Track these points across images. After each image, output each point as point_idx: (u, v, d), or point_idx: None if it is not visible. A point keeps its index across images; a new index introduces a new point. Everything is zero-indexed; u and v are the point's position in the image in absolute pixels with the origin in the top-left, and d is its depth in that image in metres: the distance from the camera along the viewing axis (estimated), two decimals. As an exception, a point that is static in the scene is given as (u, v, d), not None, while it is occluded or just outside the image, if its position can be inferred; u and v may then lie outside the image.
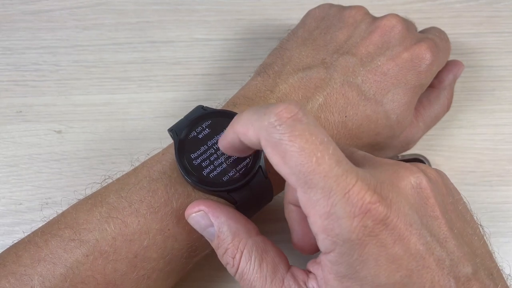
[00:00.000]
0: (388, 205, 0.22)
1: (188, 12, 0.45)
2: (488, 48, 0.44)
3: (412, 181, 0.24)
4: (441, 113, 0.38)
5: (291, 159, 0.22)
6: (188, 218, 0.27)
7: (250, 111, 0.24)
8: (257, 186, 0.29)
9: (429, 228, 0.23)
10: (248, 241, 0.26)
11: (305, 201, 0.22)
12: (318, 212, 0.22)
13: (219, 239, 0.27)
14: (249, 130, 0.24)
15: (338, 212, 0.21)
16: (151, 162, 0.30)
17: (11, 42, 0.44)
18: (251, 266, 0.26)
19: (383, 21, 0.34)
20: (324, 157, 0.22)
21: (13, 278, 0.26)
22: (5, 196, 0.38)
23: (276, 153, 0.22)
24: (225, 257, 0.27)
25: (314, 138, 0.22)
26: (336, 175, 0.21)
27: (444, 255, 0.23)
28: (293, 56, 0.35)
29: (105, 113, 0.41)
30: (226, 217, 0.27)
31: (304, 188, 0.22)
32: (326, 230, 0.22)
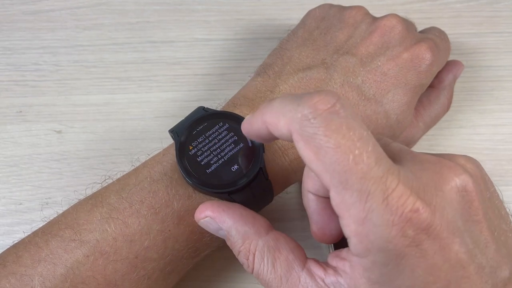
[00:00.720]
0: (432, 212, 0.20)
1: (188, 12, 0.45)
2: (488, 48, 0.44)
3: (458, 184, 0.22)
4: (441, 113, 0.38)
5: (326, 155, 0.20)
6: (198, 223, 0.27)
7: (282, 100, 0.22)
8: (258, 188, 0.29)
9: (471, 234, 0.22)
10: (258, 242, 0.25)
11: (338, 202, 0.21)
12: (352, 216, 0.20)
13: (231, 242, 0.26)
14: (280, 121, 0.22)
15: (375, 219, 0.20)
16: (151, 162, 0.30)
17: (11, 42, 0.44)
18: (265, 267, 0.25)
19: (383, 21, 0.34)
20: (362, 155, 0.20)
21: (13, 279, 0.26)
22: (5, 196, 0.38)
23: (309, 149, 0.20)
24: (240, 258, 0.26)
25: (352, 133, 0.20)
26: (375, 177, 0.20)
27: (484, 262, 0.22)
28: (293, 57, 0.35)
29: (105, 113, 0.41)
30: (232, 221, 0.26)
31: (339, 188, 0.20)
32: (360, 236, 0.20)
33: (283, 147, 0.31)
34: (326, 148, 0.20)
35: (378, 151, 0.21)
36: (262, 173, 0.29)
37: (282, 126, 0.22)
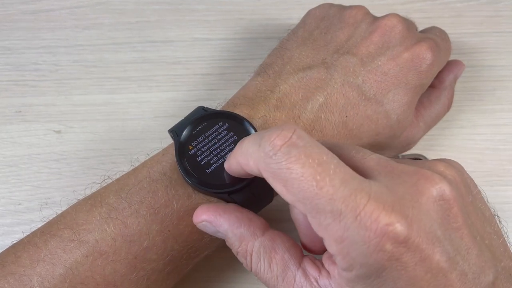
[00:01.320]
0: (408, 225, 0.20)
1: (188, 12, 0.45)
2: (489, 48, 0.43)
3: (435, 194, 0.22)
4: (441, 113, 0.38)
5: (293, 186, 0.21)
6: (197, 226, 0.27)
7: (248, 141, 0.24)
8: (258, 187, 0.29)
9: (452, 242, 0.22)
10: (254, 243, 0.26)
11: (316, 225, 0.21)
12: (331, 236, 0.21)
13: (229, 243, 0.27)
14: (249, 161, 0.23)
15: (352, 236, 0.20)
16: (151, 162, 0.30)
17: (11, 41, 0.44)
18: (262, 267, 0.26)
19: (383, 21, 0.34)
20: (325, 179, 0.20)
21: (12, 279, 0.26)
22: (4, 196, 0.38)
23: (277, 183, 0.21)
24: (239, 258, 0.27)
25: (311, 160, 0.21)
26: (343, 196, 0.20)
27: (467, 268, 0.22)
28: (293, 56, 0.34)
29: (105, 113, 0.41)
30: (228, 224, 0.26)
31: (312, 213, 0.21)
32: (342, 253, 0.21)
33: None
34: (291, 180, 0.21)
35: (342, 171, 0.21)
36: (262, 173, 0.29)
37: (252, 166, 0.23)
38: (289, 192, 0.21)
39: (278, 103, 0.32)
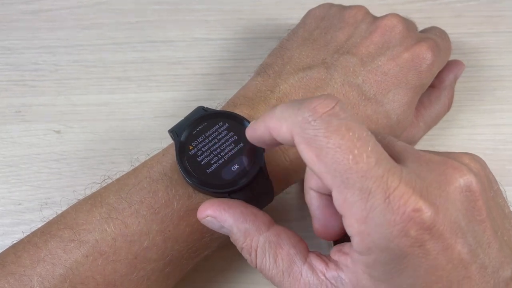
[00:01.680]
0: (435, 212, 0.20)
1: (188, 12, 0.45)
2: (489, 48, 0.43)
3: (462, 184, 0.22)
4: (441, 113, 0.38)
5: (327, 156, 0.20)
6: (201, 222, 0.27)
7: (284, 105, 0.23)
8: (258, 187, 0.29)
9: (475, 234, 0.22)
10: (259, 238, 0.26)
11: (340, 201, 0.21)
12: (354, 215, 0.20)
13: (233, 239, 0.26)
14: (282, 125, 0.23)
15: (377, 218, 0.20)
16: (151, 162, 0.30)
17: (11, 41, 0.44)
18: (267, 263, 0.25)
19: (383, 21, 0.34)
20: (362, 155, 0.20)
21: (12, 279, 0.26)
22: (4, 196, 0.38)
23: (310, 151, 0.21)
24: (243, 254, 0.26)
25: (351, 134, 0.20)
26: (376, 176, 0.20)
27: (487, 261, 0.22)
28: (293, 56, 0.34)
29: (105, 113, 0.41)
30: (233, 219, 0.26)
31: (340, 188, 0.20)
32: (362, 234, 0.21)
33: (283, 147, 0.31)
34: (326, 149, 0.20)
35: (378, 151, 0.21)
36: (262, 172, 0.29)
37: (284, 130, 0.23)
38: (321, 162, 0.21)
39: (278, 103, 0.32)
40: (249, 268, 0.36)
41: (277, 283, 0.25)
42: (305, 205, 0.29)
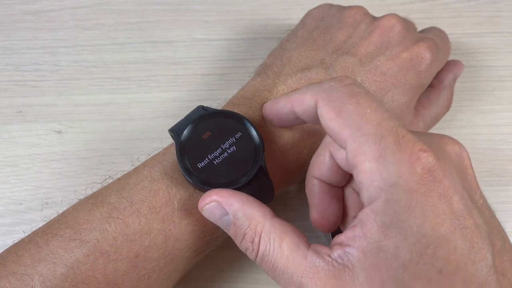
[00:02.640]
0: (436, 158, 0.22)
1: (188, 12, 0.45)
2: (488, 48, 0.44)
3: (457, 149, 0.25)
4: (441, 113, 0.38)
5: (347, 112, 0.24)
6: (202, 211, 0.27)
7: (307, 85, 0.27)
8: (259, 186, 0.29)
9: (469, 195, 0.23)
10: (265, 223, 0.25)
11: (354, 149, 0.23)
12: (367, 157, 0.23)
13: (236, 226, 0.26)
14: (306, 95, 0.26)
15: (388, 156, 0.22)
16: (152, 162, 0.30)
17: (11, 42, 0.44)
18: (271, 248, 0.25)
19: (382, 21, 0.34)
20: (378, 111, 0.24)
21: (13, 278, 0.26)
22: (5, 196, 0.38)
23: (332, 110, 0.24)
24: (244, 243, 0.26)
25: (370, 97, 0.24)
26: (388, 126, 0.23)
27: (482, 221, 0.23)
28: (292, 57, 0.35)
29: (105, 113, 0.41)
30: (239, 204, 0.26)
31: (356, 135, 0.23)
32: (373, 174, 0.23)
33: (283, 147, 0.31)
34: (348, 106, 0.24)
35: (390, 114, 0.24)
36: (262, 171, 0.29)
37: (308, 98, 0.26)
38: (341, 117, 0.24)
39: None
40: (249, 268, 0.36)
41: (280, 270, 0.25)
42: (305, 206, 0.29)
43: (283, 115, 0.29)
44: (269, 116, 0.31)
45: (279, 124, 0.31)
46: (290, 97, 0.28)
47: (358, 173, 0.23)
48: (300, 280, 0.24)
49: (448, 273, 0.22)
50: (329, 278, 0.23)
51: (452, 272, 0.22)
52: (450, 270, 0.22)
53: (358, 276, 0.23)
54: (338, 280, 0.23)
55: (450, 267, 0.22)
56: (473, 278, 0.22)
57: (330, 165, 0.27)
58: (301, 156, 0.32)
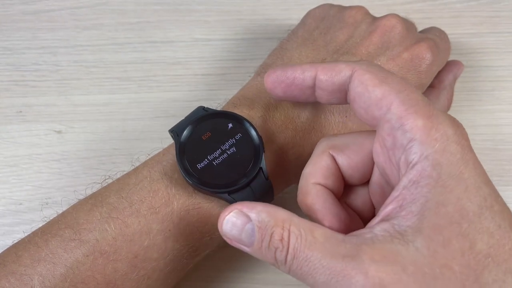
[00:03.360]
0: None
1: (188, 12, 0.45)
2: (488, 48, 0.44)
3: None
4: (441, 113, 0.38)
5: (392, 80, 0.24)
6: (223, 227, 0.24)
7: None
8: (258, 187, 0.29)
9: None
10: (292, 219, 0.23)
11: (403, 110, 0.23)
12: (419, 115, 0.23)
13: (261, 229, 0.23)
14: (340, 65, 0.26)
15: (439, 116, 0.23)
16: (151, 162, 0.30)
17: (11, 42, 0.44)
18: (302, 239, 0.22)
19: (383, 21, 0.34)
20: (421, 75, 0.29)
21: (13, 278, 0.26)
22: (5, 196, 0.38)
23: (375, 77, 0.25)
24: (271, 246, 0.23)
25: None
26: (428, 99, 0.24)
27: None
28: (293, 57, 0.35)
29: (105, 113, 0.41)
30: (262, 206, 0.24)
31: (405, 98, 0.23)
32: (428, 129, 0.23)
33: (283, 148, 0.31)
34: (392, 76, 0.25)
35: None
36: (262, 172, 0.29)
37: (343, 67, 0.26)
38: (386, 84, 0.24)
39: (277, 103, 0.32)
40: (249, 268, 0.36)
41: (316, 259, 0.22)
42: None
43: (299, 81, 0.28)
44: (277, 79, 0.28)
45: (282, 93, 0.29)
46: (317, 64, 0.27)
47: (407, 131, 0.23)
48: (343, 263, 0.21)
49: (506, 228, 0.22)
50: (377, 252, 0.21)
51: (509, 229, 0.22)
52: (507, 226, 0.22)
53: (413, 242, 0.21)
54: (388, 252, 0.21)
55: (506, 223, 0.22)
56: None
57: (334, 169, 0.27)
58: (301, 156, 0.32)
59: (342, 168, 0.27)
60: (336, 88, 0.26)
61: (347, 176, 0.27)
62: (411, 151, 0.23)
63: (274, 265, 0.24)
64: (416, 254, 0.21)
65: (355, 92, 0.25)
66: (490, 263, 0.21)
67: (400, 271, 0.21)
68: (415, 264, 0.21)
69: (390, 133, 0.24)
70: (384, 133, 0.24)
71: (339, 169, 0.27)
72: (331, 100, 0.28)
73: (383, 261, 0.21)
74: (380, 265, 0.21)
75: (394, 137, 0.23)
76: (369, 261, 0.21)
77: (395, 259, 0.21)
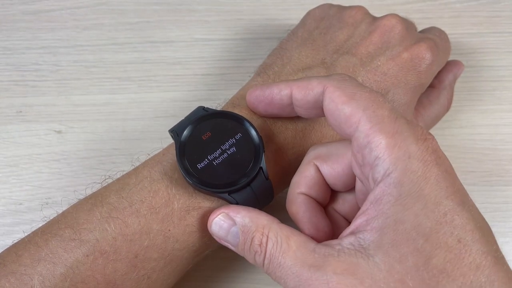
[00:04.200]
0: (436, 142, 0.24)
1: (188, 12, 0.45)
2: (488, 48, 0.44)
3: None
4: (441, 113, 0.38)
5: (360, 96, 0.25)
6: (211, 228, 0.27)
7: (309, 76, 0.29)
8: (258, 187, 0.29)
9: None
10: (272, 225, 0.26)
11: (369, 127, 0.24)
12: (384, 133, 0.23)
13: (244, 233, 0.26)
14: (312, 82, 0.27)
15: (404, 132, 0.23)
16: (151, 162, 0.30)
17: (11, 42, 0.44)
18: (278, 246, 0.25)
19: (383, 21, 0.34)
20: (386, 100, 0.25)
21: (13, 278, 0.26)
22: (5, 196, 0.38)
23: (344, 94, 0.25)
24: (252, 249, 0.26)
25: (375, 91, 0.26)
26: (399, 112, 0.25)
27: None
28: (293, 57, 0.35)
29: (105, 113, 0.41)
30: (246, 211, 0.27)
31: (371, 115, 0.24)
32: (391, 147, 0.23)
33: (283, 148, 0.31)
34: (361, 92, 0.25)
35: None
36: (262, 172, 0.29)
37: (315, 84, 0.27)
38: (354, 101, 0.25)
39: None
40: (249, 268, 0.36)
41: (288, 266, 0.24)
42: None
43: (276, 100, 0.29)
44: (256, 99, 0.30)
45: (264, 111, 0.31)
46: (292, 82, 0.28)
47: (373, 149, 0.24)
48: (309, 272, 0.23)
49: (467, 242, 0.22)
50: (340, 264, 0.23)
51: (470, 243, 0.22)
52: (468, 239, 0.22)
53: (373, 257, 0.22)
54: (350, 265, 0.23)
55: (468, 237, 0.22)
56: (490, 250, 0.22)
57: (318, 179, 0.28)
58: (301, 156, 0.32)
59: (326, 177, 0.28)
60: (311, 105, 0.28)
61: (331, 184, 0.28)
62: (376, 169, 0.24)
63: (256, 265, 0.26)
64: (375, 268, 0.22)
65: (327, 110, 0.26)
66: (445, 278, 0.22)
67: (357, 284, 0.22)
68: (372, 278, 0.22)
69: (359, 150, 0.25)
70: (355, 150, 0.25)
71: (323, 178, 0.28)
72: (310, 115, 0.29)
73: (343, 274, 0.22)
74: (340, 278, 0.22)
75: (362, 155, 0.24)
76: (332, 273, 0.23)
77: (354, 272, 0.22)
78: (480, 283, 0.22)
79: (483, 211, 0.37)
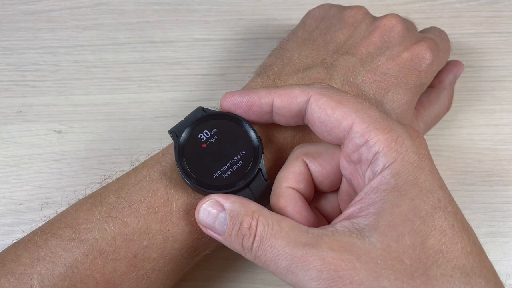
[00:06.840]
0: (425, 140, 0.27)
1: (188, 12, 0.45)
2: (488, 48, 0.44)
3: None
4: (441, 113, 0.38)
5: (348, 101, 0.26)
6: (199, 215, 0.27)
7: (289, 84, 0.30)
8: (257, 188, 0.29)
9: None
10: (262, 211, 0.26)
11: (365, 127, 0.25)
12: (380, 130, 0.25)
13: (232, 218, 0.26)
14: (295, 90, 0.28)
15: (398, 130, 0.25)
16: (151, 162, 0.30)
17: (12, 42, 0.44)
18: (269, 228, 0.25)
19: (383, 21, 0.34)
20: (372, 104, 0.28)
21: (12, 277, 0.26)
22: (5, 196, 0.38)
23: (331, 100, 0.26)
24: (240, 233, 0.25)
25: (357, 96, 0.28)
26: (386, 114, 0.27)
27: None
28: (293, 57, 0.35)
29: (105, 113, 0.41)
30: (237, 197, 0.27)
31: (364, 116, 0.26)
32: (390, 142, 0.25)
33: (282, 148, 0.31)
34: (347, 97, 0.27)
35: None
36: (261, 174, 0.29)
37: (298, 93, 0.28)
38: (343, 105, 0.26)
39: None
40: (249, 268, 0.36)
41: (280, 247, 0.24)
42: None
43: (255, 107, 0.29)
44: (234, 105, 0.29)
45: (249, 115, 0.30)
46: (273, 90, 0.28)
47: (372, 146, 0.25)
48: (303, 250, 0.23)
49: (459, 229, 0.24)
50: (335, 242, 0.23)
51: (461, 229, 0.24)
52: (460, 226, 0.24)
53: (368, 237, 0.23)
54: (346, 243, 0.23)
55: (458, 224, 0.24)
56: (476, 240, 0.24)
57: (306, 175, 0.28)
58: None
59: (314, 175, 0.28)
60: (294, 113, 0.28)
61: (318, 182, 0.29)
62: (375, 163, 0.25)
63: (241, 252, 0.26)
64: (371, 247, 0.23)
65: (314, 117, 0.27)
66: (440, 258, 0.23)
67: (354, 260, 0.23)
68: (368, 255, 0.23)
69: (355, 150, 0.26)
70: (349, 150, 0.26)
71: (311, 175, 0.28)
72: (289, 123, 0.29)
73: (339, 250, 0.23)
74: (336, 253, 0.23)
75: (359, 153, 0.26)
76: (327, 250, 0.23)
77: (350, 249, 0.23)
78: (471, 267, 0.23)
79: (483, 211, 0.38)
